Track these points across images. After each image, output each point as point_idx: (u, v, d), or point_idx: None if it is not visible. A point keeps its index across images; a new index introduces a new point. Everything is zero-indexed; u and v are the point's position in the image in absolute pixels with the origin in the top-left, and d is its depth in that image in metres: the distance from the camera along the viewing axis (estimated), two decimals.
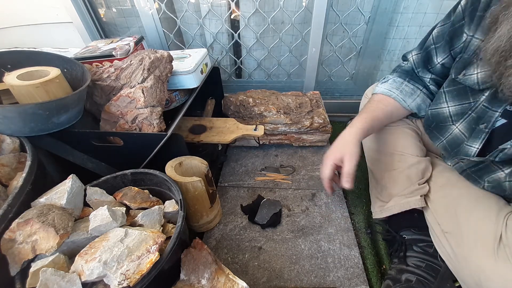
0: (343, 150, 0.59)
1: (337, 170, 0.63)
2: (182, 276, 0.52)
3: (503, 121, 0.45)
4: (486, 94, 0.46)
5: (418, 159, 0.62)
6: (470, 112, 0.50)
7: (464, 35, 0.47)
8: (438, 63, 0.55)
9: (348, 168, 0.57)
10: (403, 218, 0.64)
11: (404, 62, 0.65)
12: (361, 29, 1.09)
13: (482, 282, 0.43)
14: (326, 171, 0.61)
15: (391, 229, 0.70)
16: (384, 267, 0.68)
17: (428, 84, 0.61)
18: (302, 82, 1.20)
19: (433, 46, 0.54)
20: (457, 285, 0.54)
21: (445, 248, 0.52)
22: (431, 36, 0.55)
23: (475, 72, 0.46)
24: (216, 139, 0.86)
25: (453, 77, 0.51)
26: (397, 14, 1.04)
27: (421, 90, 0.62)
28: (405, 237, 0.66)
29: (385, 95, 0.63)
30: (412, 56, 0.62)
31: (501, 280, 0.41)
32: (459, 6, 0.48)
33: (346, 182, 0.57)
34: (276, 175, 0.90)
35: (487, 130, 0.47)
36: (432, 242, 0.58)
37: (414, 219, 0.64)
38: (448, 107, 0.53)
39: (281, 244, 0.71)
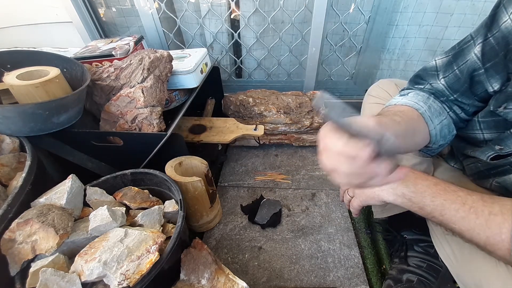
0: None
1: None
2: (182, 276, 0.52)
3: None
4: None
5: (420, 159, 0.61)
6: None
7: None
8: (493, 90, 0.41)
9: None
10: (404, 218, 0.64)
11: (419, 87, 0.50)
12: (361, 29, 1.09)
13: (483, 286, 0.43)
14: None
15: (392, 229, 0.69)
16: (384, 267, 0.68)
17: (462, 110, 0.48)
18: (302, 82, 1.19)
19: (482, 69, 0.41)
20: (457, 286, 0.54)
21: (446, 250, 0.52)
22: (473, 56, 0.41)
23: None
24: (216, 139, 0.85)
25: (491, 109, 0.42)
26: (396, 13, 1.04)
27: (447, 112, 0.49)
28: (406, 237, 0.65)
29: (410, 106, 0.46)
30: (439, 81, 0.47)
31: (502, 284, 0.41)
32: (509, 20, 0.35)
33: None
34: (276, 174, 0.90)
35: (498, 152, 0.43)
36: (433, 243, 0.58)
37: (415, 219, 0.63)
38: (482, 133, 0.47)
39: (281, 244, 0.71)
